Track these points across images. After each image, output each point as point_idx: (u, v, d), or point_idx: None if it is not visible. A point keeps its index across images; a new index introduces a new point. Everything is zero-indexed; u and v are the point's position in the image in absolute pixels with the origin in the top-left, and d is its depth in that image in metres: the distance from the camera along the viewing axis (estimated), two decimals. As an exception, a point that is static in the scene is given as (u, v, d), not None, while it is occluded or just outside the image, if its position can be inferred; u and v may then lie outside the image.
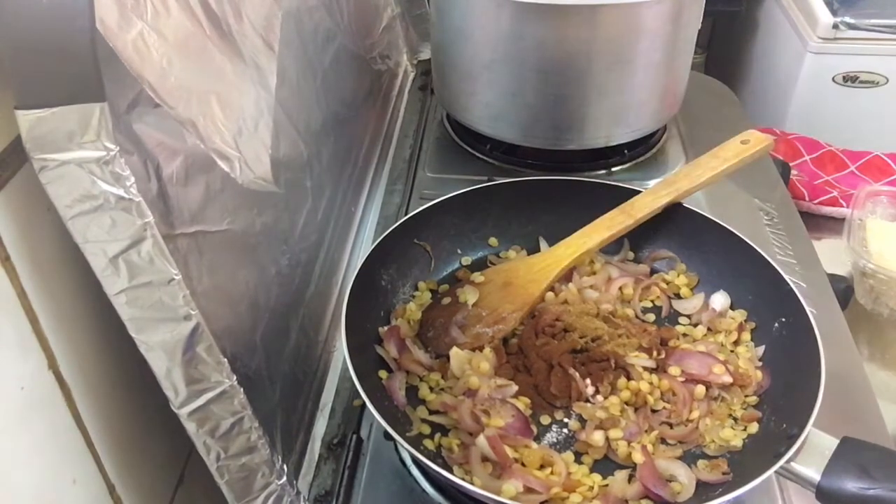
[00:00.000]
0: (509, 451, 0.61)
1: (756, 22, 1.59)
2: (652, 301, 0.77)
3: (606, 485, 0.61)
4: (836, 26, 1.29)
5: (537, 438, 0.65)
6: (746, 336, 0.72)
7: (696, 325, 0.75)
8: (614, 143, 0.94)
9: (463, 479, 0.57)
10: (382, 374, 0.68)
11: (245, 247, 0.61)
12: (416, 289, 0.78)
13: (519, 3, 0.83)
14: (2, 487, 0.46)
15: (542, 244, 0.82)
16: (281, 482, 0.56)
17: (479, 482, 0.59)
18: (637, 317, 0.75)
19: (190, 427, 0.49)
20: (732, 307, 0.75)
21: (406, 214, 0.83)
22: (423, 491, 0.64)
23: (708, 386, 0.67)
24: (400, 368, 0.69)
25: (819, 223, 1.14)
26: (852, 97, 1.35)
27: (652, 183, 0.94)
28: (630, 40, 0.85)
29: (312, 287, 0.76)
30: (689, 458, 0.63)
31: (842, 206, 1.13)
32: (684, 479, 0.60)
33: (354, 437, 0.68)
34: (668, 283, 0.78)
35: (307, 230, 0.75)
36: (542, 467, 0.62)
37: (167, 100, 0.48)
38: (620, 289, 0.77)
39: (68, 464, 0.53)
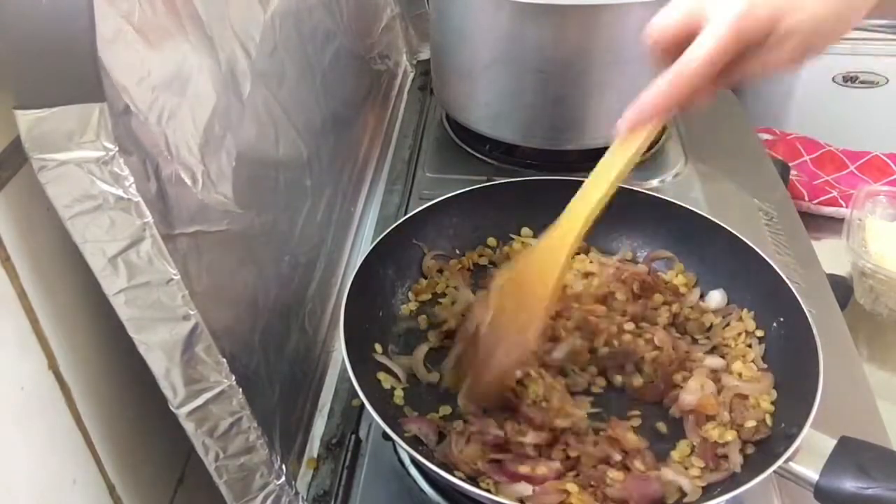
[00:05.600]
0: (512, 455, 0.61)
1: (756, 22, 1.59)
2: (651, 301, 0.77)
3: (606, 483, 0.60)
4: (835, 26, 1.29)
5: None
6: (745, 336, 0.72)
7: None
8: (614, 143, 0.94)
9: (462, 480, 0.57)
10: (381, 375, 0.68)
11: (244, 247, 0.61)
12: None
13: (519, 3, 0.83)
14: (2, 487, 0.46)
15: (542, 244, 0.82)
16: (279, 482, 0.56)
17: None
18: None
19: (188, 427, 0.50)
20: (731, 307, 0.75)
21: (405, 214, 0.83)
22: (422, 491, 0.64)
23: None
24: (399, 368, 0.69)
25: (819, 223, 1.14)
26: (852, 97, 1.35)
27: (653, 182, 0.95)
28: (630, 40, 0.85)
29: (311, 287, 0.76)
30: (688, 458, 0.63)
31: (841, 206, 1.14)
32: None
33: (353, 437, 0.68)
34: (666, 282, 0.78)
35: (306, 230, 0.75)
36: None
37: (141, 106, 0.47)
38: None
39: (68, 464, 0.53)
